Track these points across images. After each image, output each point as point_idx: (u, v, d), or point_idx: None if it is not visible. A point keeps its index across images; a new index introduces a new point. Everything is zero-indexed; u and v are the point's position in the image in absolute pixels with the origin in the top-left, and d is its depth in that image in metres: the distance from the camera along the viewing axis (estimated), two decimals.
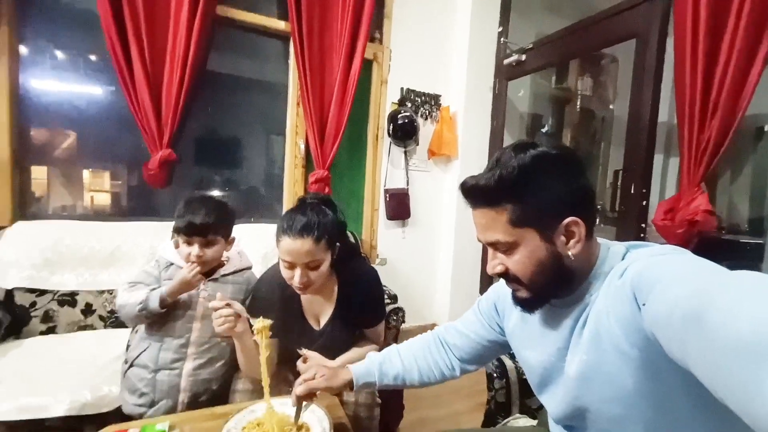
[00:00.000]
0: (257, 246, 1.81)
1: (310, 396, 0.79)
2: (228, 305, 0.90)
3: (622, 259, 0.57)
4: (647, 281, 0.47)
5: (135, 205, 1.93)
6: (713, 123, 1.25)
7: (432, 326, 2.54)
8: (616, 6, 1.70)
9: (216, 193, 2.11)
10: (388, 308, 1.51)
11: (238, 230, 1.86)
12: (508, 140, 2.53)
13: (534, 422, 0.95)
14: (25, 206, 1.66)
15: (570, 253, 0.57)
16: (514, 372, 1.02)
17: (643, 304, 0.47)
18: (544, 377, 0.67)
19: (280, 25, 2.01)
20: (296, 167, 2.13)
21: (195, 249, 1.04)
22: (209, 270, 1.11)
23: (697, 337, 0.37)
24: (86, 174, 1.87)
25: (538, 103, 2.98)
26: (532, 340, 0.69)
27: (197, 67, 1.74)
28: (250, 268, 1.25)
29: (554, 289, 0.60)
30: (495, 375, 1.04)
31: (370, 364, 0.85)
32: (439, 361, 0.86)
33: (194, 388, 1.05)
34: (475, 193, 0.60)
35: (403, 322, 1.54)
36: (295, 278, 0.92)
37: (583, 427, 0.62)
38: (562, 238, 0.57)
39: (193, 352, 1.06)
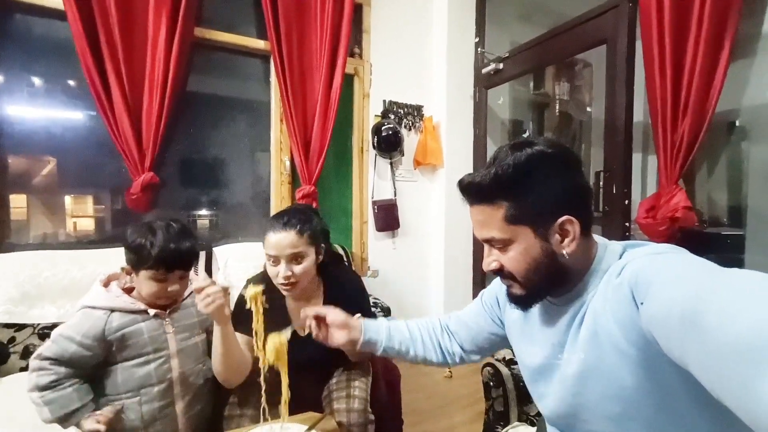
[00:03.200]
0: (245, 265, 1.79)
1: (320, 323, 0.82)
2: (213, 282, 0.86)
3: (620, 257, 0.58)
4: (645, 280, 0.48)
5: (117, 230, 1.89)
6: (685, 122, 1.29)
7: None
8: (585, 14, 1.76)
9: (204, 212, 2.08)
10: None
11: (227, 250, 1.86)
12: (491, 147, 2.57)
13: (533, 430, 0.94)
14: (2, 238, 1.61)
15: (565, 251, 0.57)
16: (510, 380, 1.01)
17: (641, 303, 0.47)
18: (538, 372, 0.67)
19: (260, 44, 2.03)
20: (282, 184, 2.12)
21: (175, 285, 0.91)
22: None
23: (695, 337, 0.37)
24: (68, 200, 1.83)
25: (518, 109, 3.05)
26: (528, 335, 0.69)
27: (177, 89, 1.74)
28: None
29: (548, 286, 0.61)
30: (491, 384, 1.03)
31: (380, 325, 0.84)
32: (442, 344, 0.86)
33: (194, 424, 0.98)
34: (471, 190, 0.60)
35: None
36: (279, 273, 0.93)
37: (580, 427, 0.62)
38: (557, 236, 0.57)
39: (180, 390, 0.95)
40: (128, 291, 0.96)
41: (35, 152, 1.74)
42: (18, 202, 1.70)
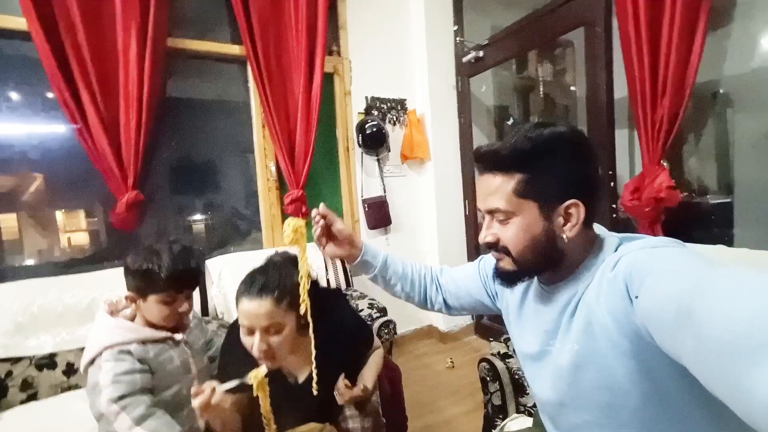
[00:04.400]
0: (239, 274, 1.77)
1: (326, 233, 0.80)
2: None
3: (615, 250, 0.58)
4: (639, 274, 0.48)
5: (108, 249, 1.87)
6: (664, 102, 1.29)
7: (428, 328, 2.57)
8: None
9: (193, 225, 2.06)
10: (378, 322, 1.51)
11: (219, 262, 1.86)
12: (477, 135, 2.56)
13: (530, 421, 0.96)
14: None
15: (565, 235, 0.58)
16: (506, 373, 1.03)
17: (636, 297, 0.47)
18: (531, 359, 0.68)
19: (235, 50, 1.99)
20: (270, 190, 2.10)
21: (184, 305, 0.91)
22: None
23: (689, 331, 0.38)
24: (59, 215, 1.82)
25: (502, 94, 3.03)
26: (523, 321, 0.71)
27: (154, 103, 1.71)
28: None
29: (540, 267, 0.61)
30: (488, 378, 1.05)
31: (378, 252, 0.86)
32: (428, 291, 0.89)
33: None
34: (487, 157, 0.61)
35: (395, 333, 1.54)
36: (254, 345, 0.82)
37: (571, 414, 0.63)
38: (561, 219, 0.58)
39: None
40: (131, 319, 0.96)
41: (21, 169, 1.71)
42: (8, 221, 1.68)
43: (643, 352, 0.50)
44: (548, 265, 0.61)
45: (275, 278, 0.84)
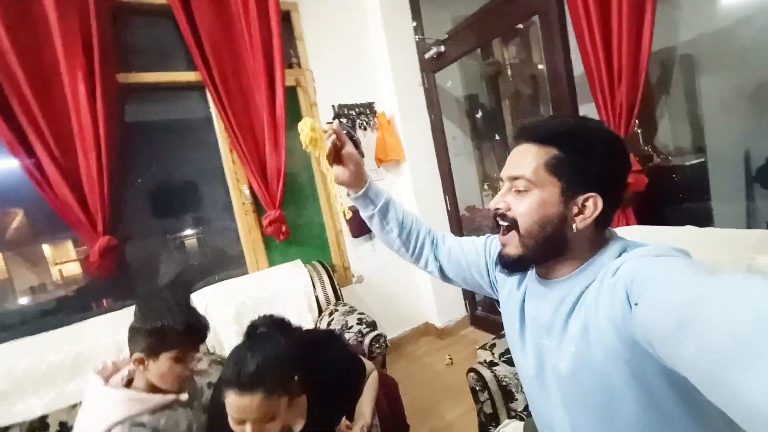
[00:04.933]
0: (226, 307, 1.77)
1: (335, 154, 0.76)
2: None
3: (619, 255, 0.58)
4: (640, 281, 0.48)
5: (85, 299, 1.82)
6: (621, 88, 1.30)
7: (424, 326, 2.59)
8: None
9: (173, 261, 2.03)
10: (369, 337, 1.52)
11: (205, 294, 1.83)
12: (449, 128, 2.56)
13: (521, 426, 0.98)
14: None
15: (575, 225, 0.58)
16: (494, 382, 1.05)
17: (635, 304, 0.47)
18: (523, 352, 0.69)
19: (191, 76, 1.93)
20: (247, 213, 2.08)
21: (194, 360, 0.90)
22: None
23: (690, 341, 0.38)
24: (47, 248, 1.79)
25: (471, 83, 3.01)
26: (517, 314, 0.71)
27: (113, 143, 1.66)
28: None
29: (543, 251, 0.61)
30: (477, 388, 1.06)
31: (383, 192, 0.83)
32: (424, 250, 0.87)
33: None
34: (529, 129, 0.63)
35: (387, 346, 1.54)
36: None
37: (564, 418, 0.63)
38: (576, 208, 0.58)
39: None
40: (126, 384, 0.93)
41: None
42: None
43: (637, 359, 0.50)
44: (551, 251, 0.61)
45: (264, 362, 0.78)
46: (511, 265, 0.64)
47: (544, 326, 0.64)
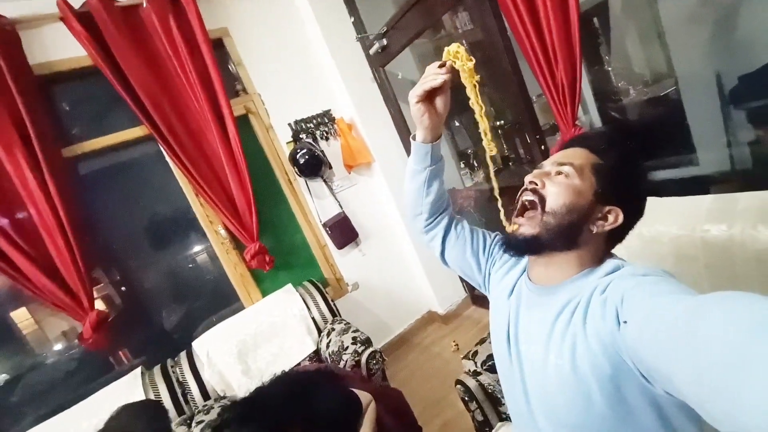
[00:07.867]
0: (227, 346, 1.82)
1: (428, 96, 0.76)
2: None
3: (610, 274, 0.60)
4: (629, 299, 0.50)
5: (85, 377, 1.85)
6: (560, 67, 1.26)
7: (428, 314, 2.65)
8: None
9: (169, 315, 2.08)
10: (365, 355, 1.56)
11: (205, 341, 1.87)
12: (411, 119, 2.50)
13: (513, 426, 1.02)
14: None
15: (594, 227, 0.62)
16: (479, 391, 1.09)
17: (624, 322, 0.49)
18: (504, 354, 0.73)
19: (138, 132, 1.90)
20: (228, 252, 2.09)
21: None
22: None
23: (686, 358, 0.39)
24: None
25: (427, 62, 2.91)
26: (503, 314, 0.74)
27: (78, 218, 1.66)
28: None
29: (557, 236, 0.62)
30: (466, 398, 1.10)
31: (442, 157, 0.83)
32: (436, 228, 0.88)
33: None
34: (586, 138, 0.71)
35: (384, 360, 1.59)
36: None
37: (542, 427, 0.66)
38: (600, 213, 0.62)
39: None
40: None
41: None
42: (20, 316, 1.76)
43: (620, 377, 0.52)
44: (564, 240, 0.62)
45: None
46: (519, 245, 0.66)
47: (531, 335, 0.66)
